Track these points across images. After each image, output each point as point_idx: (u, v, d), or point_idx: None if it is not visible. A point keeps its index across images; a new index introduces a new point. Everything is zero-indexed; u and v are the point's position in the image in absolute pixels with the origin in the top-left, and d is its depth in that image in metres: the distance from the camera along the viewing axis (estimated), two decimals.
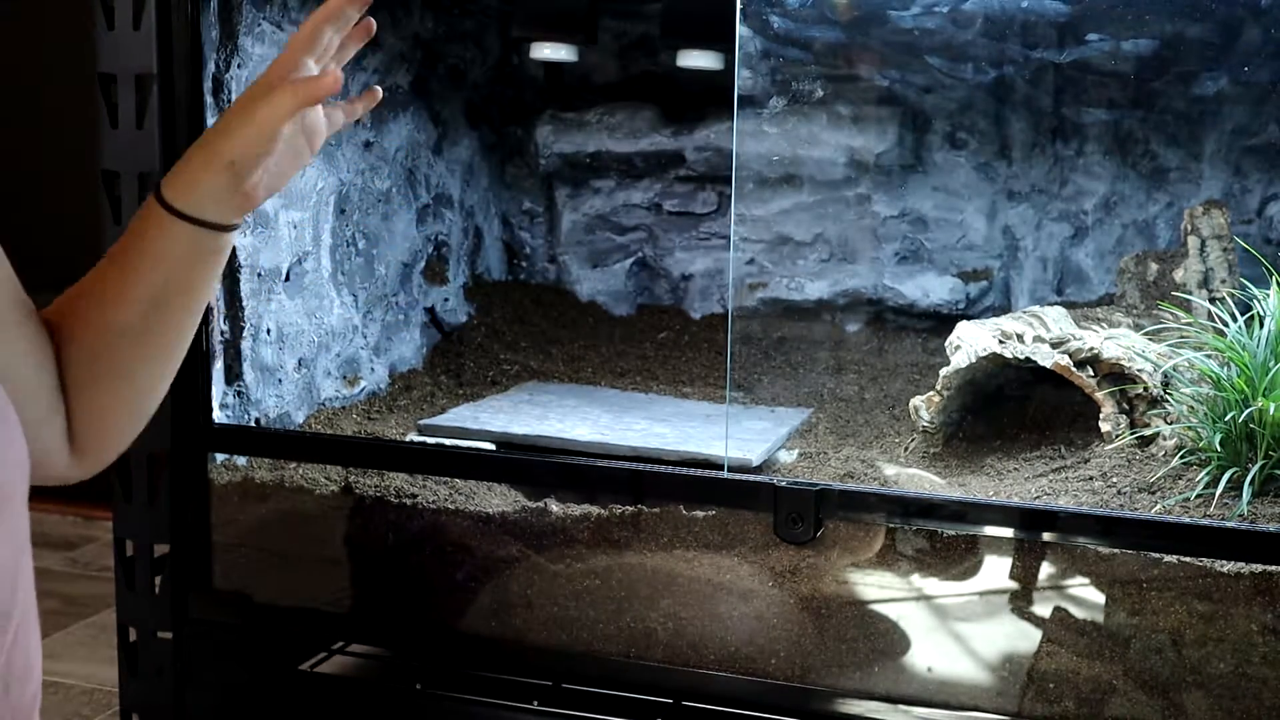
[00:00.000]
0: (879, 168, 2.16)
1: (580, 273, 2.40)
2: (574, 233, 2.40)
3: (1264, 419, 1.40)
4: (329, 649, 1.66)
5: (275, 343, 1.77)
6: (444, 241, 2.25)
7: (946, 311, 2.16)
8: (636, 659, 1.47)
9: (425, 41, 2.13)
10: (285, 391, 1.79)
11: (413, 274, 2.16)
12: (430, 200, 2.21)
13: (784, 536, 1.41)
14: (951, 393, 1.66)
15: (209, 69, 1.61)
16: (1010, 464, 1.61)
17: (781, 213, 2.20)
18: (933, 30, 2.02)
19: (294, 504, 1.62)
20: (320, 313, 1.88)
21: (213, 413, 1.62)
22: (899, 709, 1.39)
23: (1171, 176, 2.09)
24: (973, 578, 1.38)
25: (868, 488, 1.49)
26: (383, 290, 2.06)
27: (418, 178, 2.17)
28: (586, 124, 2.33)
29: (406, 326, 2.14)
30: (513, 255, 2.46)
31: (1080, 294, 2.15)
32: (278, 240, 1.76)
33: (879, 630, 1.40)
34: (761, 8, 2.00)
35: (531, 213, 2.44)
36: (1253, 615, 1.28)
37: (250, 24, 1.67)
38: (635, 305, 2.40)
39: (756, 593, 1.43)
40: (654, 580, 1.47)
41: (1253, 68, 1.95)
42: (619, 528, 1.49)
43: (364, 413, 1.89)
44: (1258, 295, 1.53)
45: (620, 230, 2.40)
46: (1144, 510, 1.39)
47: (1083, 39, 1.99)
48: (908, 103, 2.15)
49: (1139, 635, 1.32)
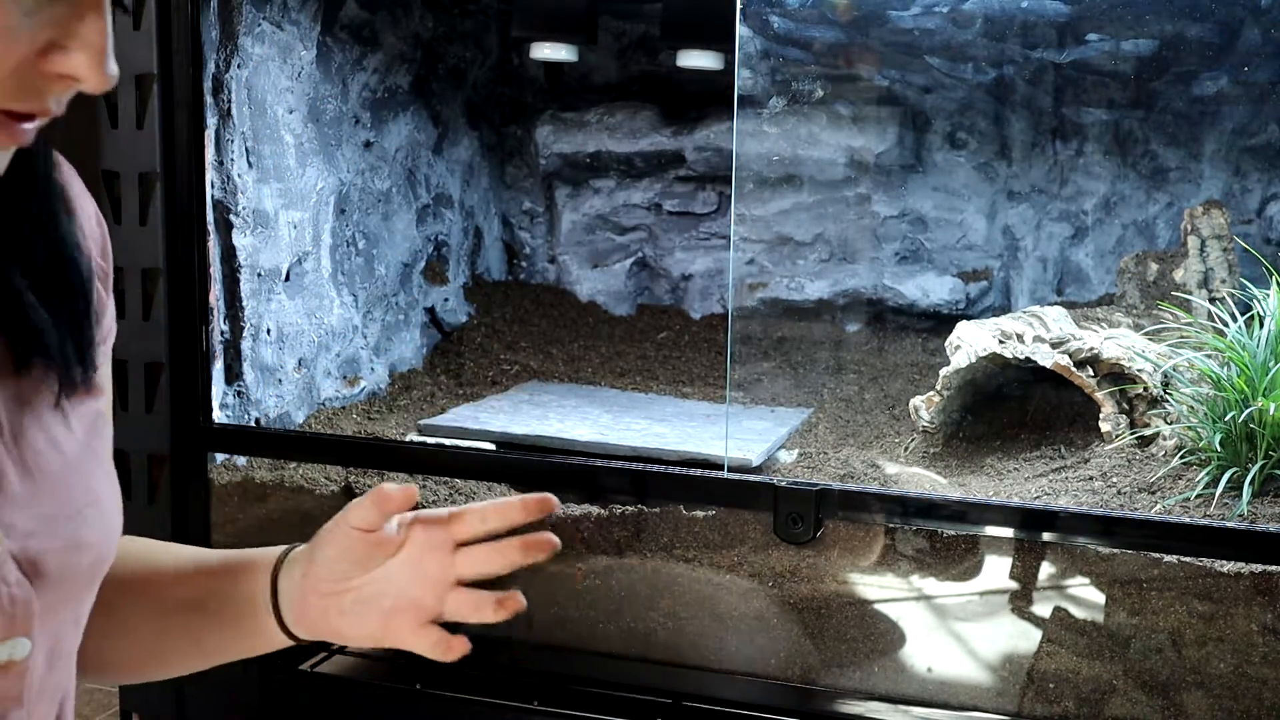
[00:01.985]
0: (879, 168, 2.16)
1: (580, 273, 2.40)
2: (574, 233, 2.40)
3: (1264, 419, 1.40)
4: (329, 649, 1.66)
5: (275, 343, 1.77)
6: (444, 241, 2.25)
7: (946, 311, 2.16)
8: (636, 659, 1.47)
9: (425, 41, 2.13)
10: (285, 391, 1.80)
11: (413, 274, 2.16)
12: (430, 200, 2.21)
13: (784, 536, 1.40)
14: (951, 393, 1.66)
15: (209, 69, 1.61)
16: (1010, 464, 1.61)
17: (781, 213, 2.20)
18: (933, 30, 2.02)
19: (294, 504, 1.62)
20: (320, 313, 1.88)
21: (213, 413, 1.62)
22: (899, 709, 1.39)
23: (1171, 176, 2.09)
24: (973, 578, 1.38)
25: (868, 488, 1.49)
26: (383, 290, 2.06)
27: (418, 178, 2.17)
28: (586, 124, 2.33)
29: (406, 326, 2.14)
30: (513, 255, 2.46)
31: (1080, 294, 2.15)
32: (278, 240, 1.76)
33: (879, 630, 1.40)
34: (761, 8, 2.00)
35: (531, 213, 2.44)
36: (1253, 615, 1.28)
37: (250, 24, 1.67)
38: (635, 305, 2.40)
39: (756, 593, 1.43)
40: (654, 580, 1.47)
41: (1253, 68, 1.95)
42: (619, 528, 1.49)
43: (364, 413, 1.89)
44: (1258, 295, 1.53)
45: (620, 230, 2.39)
46: (1144, 510, 1.39)
47: (1083, 39, 1.99)
48: (908, 103, 2.15)
49: (1139, 635, 1.32)
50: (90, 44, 0.61)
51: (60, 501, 0.73)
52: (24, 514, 0.70)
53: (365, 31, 1.96)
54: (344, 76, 1.93)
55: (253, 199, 1.70)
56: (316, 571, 0.91)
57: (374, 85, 2.01)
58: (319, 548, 0.91)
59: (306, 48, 1.81)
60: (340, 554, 0.91)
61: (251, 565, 0.94)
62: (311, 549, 0.92)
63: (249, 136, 1.69)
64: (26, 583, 0.69)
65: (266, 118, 1.73)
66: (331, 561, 0.91)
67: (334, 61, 1.90)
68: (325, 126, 1.88)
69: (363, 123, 1.99)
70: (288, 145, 1.79)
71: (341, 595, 0.92)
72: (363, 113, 1.99)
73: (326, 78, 1.88)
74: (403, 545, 0.92)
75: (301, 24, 1.79)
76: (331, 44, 1.88)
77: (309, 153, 1.84)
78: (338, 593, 0.92)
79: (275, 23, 1.73)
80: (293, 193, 1.80)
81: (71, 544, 0.72)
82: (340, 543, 0.90)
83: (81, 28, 0.61)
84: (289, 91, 1.78)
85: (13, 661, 0.69)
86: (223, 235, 1.66)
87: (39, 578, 0.70)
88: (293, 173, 1.80)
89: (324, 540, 0.91)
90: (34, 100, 0.62)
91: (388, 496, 0.87)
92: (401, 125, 2.10)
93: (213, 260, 1.64)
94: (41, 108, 0.63)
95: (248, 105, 1.68)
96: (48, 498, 0.72)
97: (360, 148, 1.99)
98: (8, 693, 0.70)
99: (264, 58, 1.70)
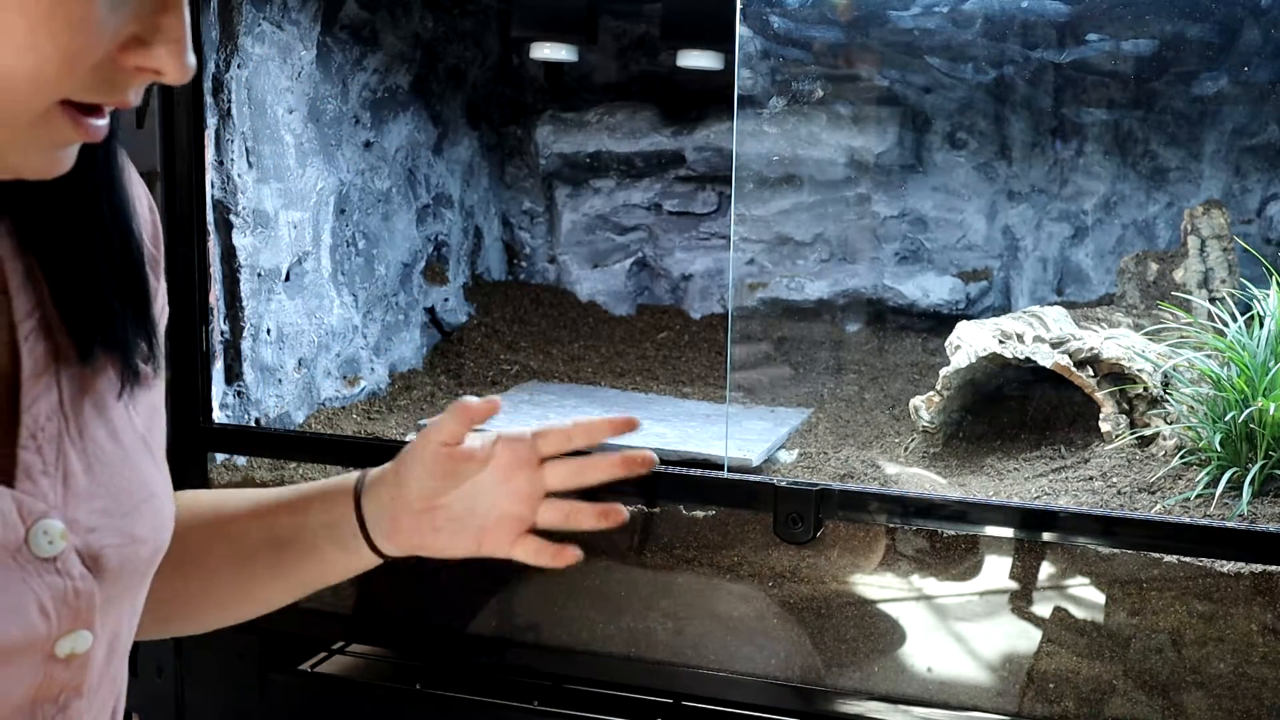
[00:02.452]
0: (879, 168, 2.16)
1: (580, 273, 2.40)
2: (574, 233, 2.40)
3: (1264, 419, 1.40)
4: (329, 649, 1.66)
5: (275, 343, 1.77)
6: (444, 241, 2.25)
7: (946, 311, 2.16)
8: (636, 659, 1.47)
9: (425, 41, 2.13)
10: (285, 391, 1.79)
11: (413, 274, 2.16)
12: (430, 200, 2.21)
13: (784, 536, 1.40)
14: (951, 393, 1.66)
15: (209, 69, 1.61)
16: (1010, 464, 1.61)
17: (781, 213, 2.20)
18: (933, 30, 2.02)
19: None
20: (320, 313, 1.88)
21: (213, 413, 1.62)
22: (899, 709, 1.39)
23: (1171, 176, 2.09)
24: (973, 578, 1.38)
25: (868, 488, 1.49)
26: (383, 290, 2.06)
27: (418, 178, 2.17)
28: (586, 124, 2.33)
29: (406, 326, 2.14)
30: (513, 255, 2.46)
31: (1080, 294, 2.15)
32: (278, 240, 1.76)
33: (879, 630, 1.40)
34: (761, 8, 2.00)
35: (531, 213, 2.43)
36: (1253, 615, 1.28)
37: (250, 24, 1.67)
38: (635, 305, 2.40)
39: (756, 593, 1.43)
40: (654, 580, 1.47)
41: (1253, 68, 1.95)
42: (619, 528, 1.49)
43: (364, 413, 1.89)
44: (1258, 295, 1.53)
45: (620, 230, 2.39)
46: (1144, 510, 1.39)
47: (1083, 39, 1.99)
48: (907, 103, 2.15)
49: (1139, 635, 1.32)
50: (173, 37, 0.63)
51: (119, 496, 0.74)
52: (86, 508, 0.72)
53: (365, 31, 1.96)
54: (344, 76, 1.93)
55: (253, 199, 1.70)
56: (405, 493, 0.95)
57: (374, 85, 2.01)
58: (405, 467, 0.96)
59: (306, 48, 1.81)
60: (427, 471, 0.94)
61: (329, 494, 0.98)
62: (396, 469, 0.96)
63: (249, 136, 1.69)
64: (90, 577, 0.71)
65: (266, 118, 1.73)
66: (420, 479, 0.94)
67: (334, 61, 1.90)
68: (325, 126, 1.88)
69: (363, 123, 1.99)
70: (288, 145, 1.79)
71: (434, 513, 0.96)
72: (363, 113, 1.99)
73: (326, 78, 1.88)
74: (488, 462, 0.97)
75: (301, 24, 1.79)
76: (331, 44, 1.88)
77: (309, 153, 1.84)
78: (430, 510, 0.96)
79: (275, 23, 1.73)
80: (293, 193, 1.80)
81: (129, 538, 0.74)
82: (426, 461, 0.94)
83: (164, 21, 0.63)
84: (289, 91, 1.78)
85: (75, 654, 0.71)
86: (223, 235, 1.66)
87: (100, 572, 0.72)
88: (293, 173, 1.80)
89: (409, 460, 0.95)
90: (113, 93, 0.64)
91: (468, 407, 0.93)
92: (401, 125, 2.10)
93: (213, 260, 1.64)
94: (121, 100, 0.64)
95: (248, 105, 1.68)
96: (107, 492, 0.73)
97: (360, 148, 1.99)
98: (70, 684, 0.71)
99: (264, 58, 1.70)
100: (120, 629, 0.76)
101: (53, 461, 0.70)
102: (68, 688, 0.71)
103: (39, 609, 0.68)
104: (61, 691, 0.71)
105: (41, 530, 0.68)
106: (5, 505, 0.67)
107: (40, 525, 0.68)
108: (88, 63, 0.61)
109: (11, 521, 0.67)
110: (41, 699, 0.70)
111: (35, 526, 0.68)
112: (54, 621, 0.69)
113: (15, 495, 0.68)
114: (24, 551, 0.67)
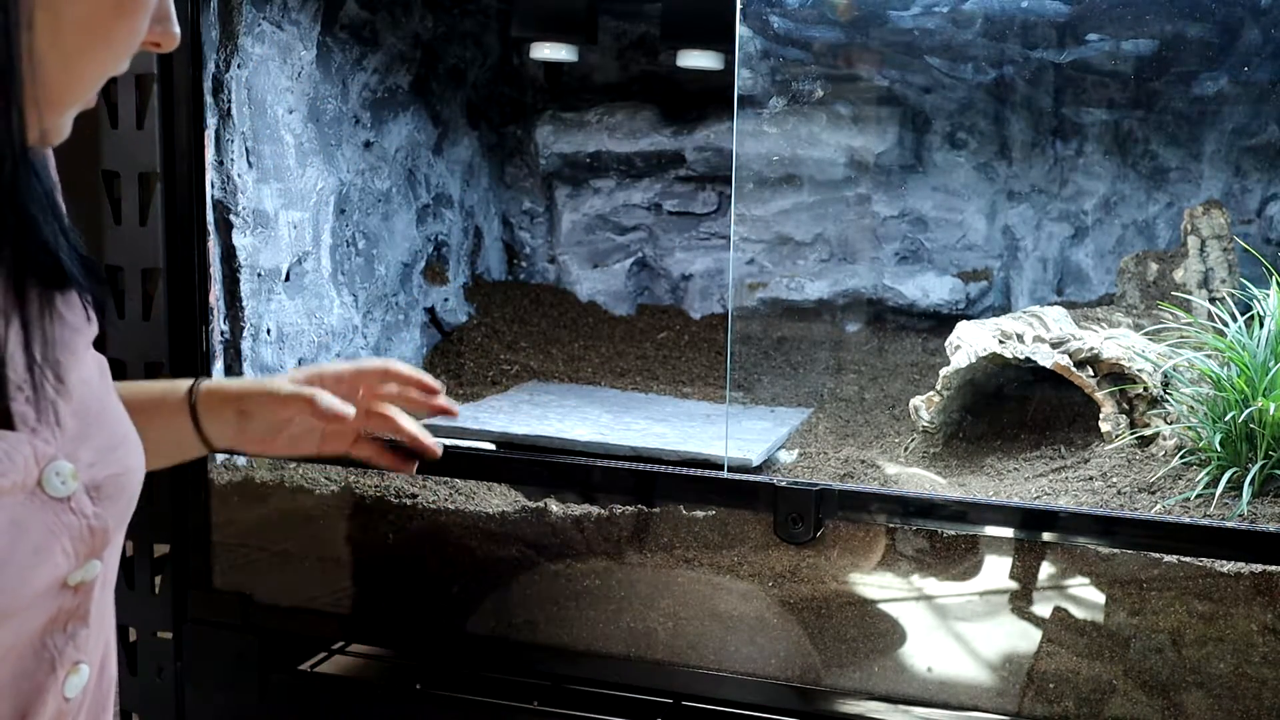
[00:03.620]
0: (879, 168, 2.16)
1: (580, 273, 2.40)
2: (574, 233, 2.40)
3: (1264, 419, 1.40)
4: (329, 649, 1.66)
5: (275, 343, 1.77)
6: (444, 241, 2.25)
7: (946, 311, 2.16)
8: (636, 659, 1.47)
9: (425, 41, 2.13)
10: None
11: (413, 274, 2.16)
12: (430, 200, 2.21)
13: (784, 536, 1.40)
14: (951, 393, 1.66)
15: (209, 69, 1.61)
16: (1010, 464, 1.61)
17: (781, 213, 2.20)
18: (933, 30, 2.02)
19: (294, 504, 1.62)
20: (320, 313, 1.88)
21: None
22: (899, 709, 1.39)
23: (1171, 176, 2.09)
24: (973, 578, 1.38)
25: (868, 488, 1.49)
26: (383, 290, 2.06)
27: (418, 178, 2.17)
28: (586, 124, 2.33)
29: (406, 326, 2.14)
30: (513, 255, 2.46)
31: (1080, 294, 2.15)
32: (278, 240, 1.76)
33: (879, 630, 1.40)
34: (761, 8, 2.00)
35: (531, 213, 2.43)
36: (1253, 615, 1.28)
37: (250, 24, 1.67)
38: (635, 305, 2.40)
39: (756, 593, 1.43)
40: (654, 580, 1.47)
41: (1253, 68, 1.95)
42: (619, 528, 1.49)
43: None
44: (1258, 295, 1.53)
45: (620, 230, 2.39)
46: (1144, 510, 1.39)
47: (1083, 39, 1.99)
48: (907, 103, 2.15)
49: (1139, 635, 1.32)
50: (166, 15, 0.77)
51: (106, 433, 0.79)
52: (85, 447, 0.76)
53: (365, 31, 1.96)
54: (344, 76, 1.93)
55: (253, 199, 1.70)
56: (252, 427, 1.15)
57: (374, 85, 2.01)
58: (253, 410, 1.15)
59: (306, 48, 1.81)
60: (279, 424, 1.16)
61: (165, 407, 1.14)
62: (241, 408, 1.15)
63: (249, 136, 1.69)
64: (102, 513, 0.75)
65: (266, 118, 1.73)
66: (269, 425, 1.16)
67: (334, 61, 1.90)
68: (325, 126, 1.88)
69: (363, 123, 1.99)
70: (288, 145, 1.79)
71: (277, 439, 1.18)
72: (363, 113, 1.99)
73: (326, 78, 1.88)
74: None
75: (301, 24, 1.79)
76: (331, 44, 1.88)
77: (309, 153, 1.84)
78: (273, 437, 1.17)
79: (275, 23, 1.73)
80: (293, 193, 1.80)
81: (125, 468, 0.80)
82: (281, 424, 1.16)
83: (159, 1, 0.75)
84: (289, 91, 1.78)
85: (84, 581, 0.75)
86: (223, 235, 1.66)
87: (105, 504, 0.76)
88: (293, 173, 1.80)
89: (258, 411, 1.15)
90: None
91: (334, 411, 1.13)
92: (401, 125, 2.10)
93: (213, 260, 1.64)
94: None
95: (248, 105, 1.68)
96: (96, 430, 0.78)
97: (360, 148, 1.99)
98: (76, 611, 0.75)
99: (264, 58, 1.70)
100: (113, 557, 0.81)
101: (45, 409, 0.73)
102: (75, 615, 0.75)
103: (61, 551, 0.72)
104: (69, 620, 0.74)
105: (54, 472, 0.72)
106: (23, 450, 0.70)
107: (52, 467, 0.72)
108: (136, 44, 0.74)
109: (29, 465, 0.70)
110: (52, 628, 0.73)
111: (48, 469, 0.71)
112: (73, 559, 0.73)
113: (30, 440, 0.71)
114: (39, 494, 0.71)
